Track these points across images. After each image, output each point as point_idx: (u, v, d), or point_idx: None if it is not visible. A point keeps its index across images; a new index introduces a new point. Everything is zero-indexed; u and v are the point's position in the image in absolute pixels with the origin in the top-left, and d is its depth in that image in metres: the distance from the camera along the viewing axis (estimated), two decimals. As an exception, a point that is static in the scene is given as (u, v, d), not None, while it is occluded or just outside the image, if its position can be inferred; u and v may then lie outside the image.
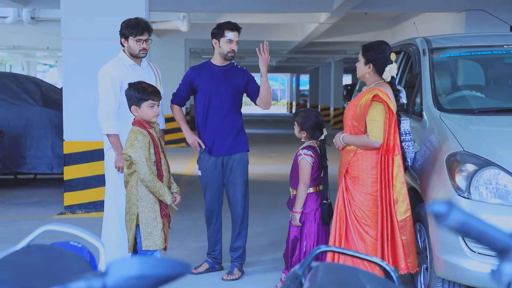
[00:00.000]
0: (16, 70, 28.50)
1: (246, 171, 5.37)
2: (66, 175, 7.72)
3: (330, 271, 1.97)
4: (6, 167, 9.49)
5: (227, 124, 5.25)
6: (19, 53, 26.46)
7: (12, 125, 9.48)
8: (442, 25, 13.26)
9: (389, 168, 4.34)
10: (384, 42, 4.56)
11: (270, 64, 33.22)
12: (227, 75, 5.25)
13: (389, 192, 4.34)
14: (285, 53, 24.14)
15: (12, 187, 10.13)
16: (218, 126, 5.26)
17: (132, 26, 5.10)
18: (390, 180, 4.34)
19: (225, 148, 5.27)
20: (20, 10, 13.25)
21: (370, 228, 4.39)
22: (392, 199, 4.33)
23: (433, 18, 13.75)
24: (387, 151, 4.34)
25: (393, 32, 16.68)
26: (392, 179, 4.34)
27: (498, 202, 3.91)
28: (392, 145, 4.35)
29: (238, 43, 5.22)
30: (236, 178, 5.29)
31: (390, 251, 4.36)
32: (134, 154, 4.30)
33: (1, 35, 20.98)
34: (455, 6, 11.94)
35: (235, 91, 5.23)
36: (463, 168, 4.03)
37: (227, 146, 5.26)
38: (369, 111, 4.37)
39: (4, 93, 9.62)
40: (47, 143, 9.45)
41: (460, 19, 12.22)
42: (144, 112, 4.41)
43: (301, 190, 4.74)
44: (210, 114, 5.27)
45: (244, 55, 25.39)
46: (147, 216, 4.43)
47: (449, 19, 12.90)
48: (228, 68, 5.28)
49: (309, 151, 4.78)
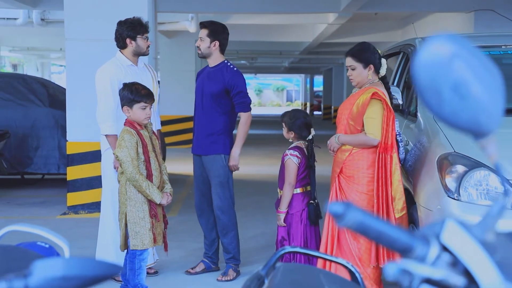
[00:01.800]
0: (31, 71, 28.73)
1: (222, 173, 5.26)
2: (69, 176, 7.77)
3: (291, 272, 1.97)
4: (13, 167, 9.59)
5: (205, 124, 5.27)
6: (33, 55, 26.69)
7: (19, 126, 9.59)
8: (451, 26, 13.19)
9: (387, 166, 4.34)
10: (367, 42, 4.62)
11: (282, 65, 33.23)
12: (210, 76, 5.26)
13: (387, 190, 4.33)
14: (297, 54, 24.11)
15: (19, 187, 10.21)
16: (197, 126, 5.34)
17: (139, 26, 5.19)
18: (388, 177, 4.33)
19: (201, 148, 5.31)
20: (30, 12, 13.35)
21: None
22: (390, 197, 4.33)
23: (443, 19, 13.67)
24: (385, 149, 4.34)
25: (404, 32, 16.61)
26: (390, 177, 4.33)
27: (488, 204, 3.87)
28: (390, 143, 4.35)
29: (202, 40, 5.23)
30: (211, 178, 5.29)
31: (386, 249, 4.35)
32: (120, 154, 4.34)
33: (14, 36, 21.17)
34: (463, 6, 11.87)
35: (213, 92, 5.19)
36: (453, 169, 4.00)
37: (202, 146, 5.30)
38: (367, 109, 4.36)
39: (12, 94, 9.73)
40: (53, 143, 9.53)
41: (469, 19, 12.14)
42: (136, 113, 4.44)
43: (286, 191, 4.75)
44: (195, 113, 5.39)
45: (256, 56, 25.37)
46: (134, 216, 4.45)
47: (458, 19, 12.82)
48: (216, 69, 5.27)
49: (295, 151, 4.79)
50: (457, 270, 0.96)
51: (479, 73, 0.98)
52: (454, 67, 0.96)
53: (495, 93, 0.99)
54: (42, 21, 13.42)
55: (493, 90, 0.99)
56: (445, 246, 0.97)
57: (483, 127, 1.00)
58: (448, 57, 0.97)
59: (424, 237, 0.99)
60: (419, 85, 0.99)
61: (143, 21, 5.24)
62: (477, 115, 0.98)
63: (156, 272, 5.39)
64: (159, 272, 5.42)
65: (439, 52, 0.97)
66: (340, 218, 0.96)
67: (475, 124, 1.00)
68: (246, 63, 29.08)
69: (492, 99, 0.99)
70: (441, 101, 0.97)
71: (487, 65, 1.00)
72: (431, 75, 0.97)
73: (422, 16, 14.92)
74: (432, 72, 0.97)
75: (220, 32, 5.26)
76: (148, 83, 5.18)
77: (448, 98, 0.97)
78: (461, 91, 0.97)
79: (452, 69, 0.96)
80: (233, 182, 5.39)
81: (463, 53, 0.98)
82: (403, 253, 0.98)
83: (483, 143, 1.03)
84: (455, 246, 0.96)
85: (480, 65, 0.99)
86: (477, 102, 0.97)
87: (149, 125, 4.56)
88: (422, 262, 0.97)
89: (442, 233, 0.97)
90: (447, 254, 0.97)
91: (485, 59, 1.00)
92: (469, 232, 0.96)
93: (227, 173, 5.29)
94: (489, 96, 0.98)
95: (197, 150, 5.36)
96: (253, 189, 9.93)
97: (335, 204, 0.96)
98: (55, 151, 9.50)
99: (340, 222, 0.96)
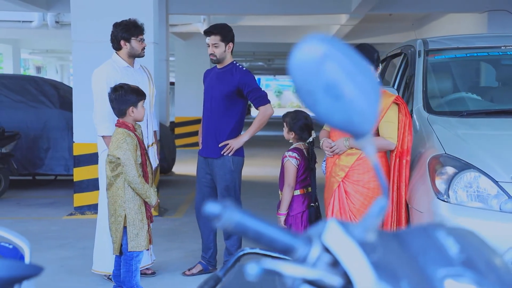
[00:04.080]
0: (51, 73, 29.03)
1: (229, 177, 5.23)
2: (76, 177, 7.82)
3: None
4: (24, 168, 9.70)
5: (214, 126, 5.25)
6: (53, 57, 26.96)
7: (30, 127, 9.72)
8: (465, 26, 13.08)
9: (402, 171, 4.24)
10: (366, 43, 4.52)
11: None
12: (220, 78, 5.24)
13: (400, 196, 4.25)
14: (314, 55, 24.00)
15: (30, 188, 10.31)
16: (206, 128, 5.30)
17: (133, 27, 5.20)
18: (402, 183, 4.23)
19: (209, 150, 5.28)
20: (45, 15, 13.50)
21: None
22: (403, 203, 4.24)
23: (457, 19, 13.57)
24: (401, 154, 4.24)
25: (419, 33, 16.47)
26: (406, 182, 4.24)
27: (478, 205, 3.82)
28: (406, 147, 4.25)
29: (217, 46, 5.19)
30: (217, 182, 5.27)
31: None
32: (123, 156, 4.35)
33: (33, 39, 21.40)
34: (477, 7, 11.78)
35: (223, 94, 5.17)
36: (443, 171, 3.95)
37: (211, 148, 5.27)
38: (386, 113, 4.27)
39: (23, 95, 9.85)
40: (64, 144, 9.64)
41: (483, 20, 12.04)
42: (140, 111, 4.51)
43: (285, 192, 4.71)
44: (203, 115, 5.34)
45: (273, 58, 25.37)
46: (134, 218, 4.47)
47: (472, 20, 12.72)
48: (225, 70, 5.25)
49: (294, 153, 4.74)
50: (337, 271, 0.95)
51: (352, 74, 0.97)
52: (325, 68, 0.96)
53: (369, 94, 0.98)
54: (57, 23, 13.57)
55: (367, 91, 0.98)
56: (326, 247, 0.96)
57: (357, 128, 1.00)
58: (320, 58, 0.96)
59: (309, 238, 0.99)
60: (294, 85, 0.98)
61: (138, 23, 5.24)
62: (350, 116, 0.97)
63: (154, 273, 5.40)
64: (157, 273, 5.44)
65: (310, 53, 0.97)
66: (216, 218, 0.96)
67: (349, 125, 0.99)
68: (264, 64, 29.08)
69: (366, 100, 0.98)
70: (315, 101, 0.97)
71: (361, 66, 0.99)
72: (303, 76, 0.96)
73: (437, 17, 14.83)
74: (304, 73, 0.96)
75: (230, 32, 5.26)
76: (144, 84, 5.21)
77: (321, 99, 0.96)
78: (334, 92, 0.96)
79: (323, 70, 0.95)
80: (240, 187, 5.37)
81: (335, 54, 0.97)
82: (285, 253, 0.98)
83: (362, 144, 1.02)
84: (334, 246, 0.95)
85: (353, 66, 0.98)
86: (350, 103, 0.96)
87: (138, 127, 4.60)
88: (303, 263, 0.97)
89: (323, 233, 0.97)
90: (328, 254, 0.96)
91: (359, 60, 1.00)
92: (348, 232, 0.95)
93: (234, 178, 5.26)
94: (362, 97, 0.97)
95: (205, 153, 5.32)
96: (260, 190, 9.92)
97: (211, 204, 0.95)
98: (65, 153, 9.60)
99: (217, 223, 0.96)
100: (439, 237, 1.00)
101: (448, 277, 0.95)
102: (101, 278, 5.25)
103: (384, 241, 0.98)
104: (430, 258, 0.97)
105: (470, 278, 0.95)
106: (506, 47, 5.22)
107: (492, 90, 5.48)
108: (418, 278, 0.94)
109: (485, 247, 1.05)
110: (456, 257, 0.97)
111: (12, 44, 22.78)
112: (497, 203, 3.76)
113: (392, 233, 1.02)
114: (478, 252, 1.00)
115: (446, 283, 0.95)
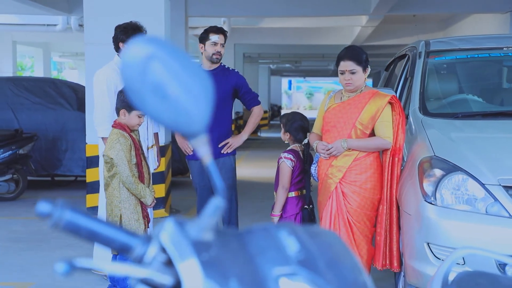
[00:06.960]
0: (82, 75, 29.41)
1: (231, 175, 5.32)
2: (88, 178, 7.92)
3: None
4: (43, 169, 9.87)
5: (212, 127, 5.25)
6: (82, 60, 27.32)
7: (49, 129, 9.88)
8: (487, 27, 12.92)
9: (394, 169, 4.30)
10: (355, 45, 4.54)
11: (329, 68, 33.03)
12: (214, 79, 5.27)
13: (391, 193, 4.29)
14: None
15: (49, 189, 10.47)
16: None
17: (131, 30, 5.26)
18: (394, 181, 4.30)
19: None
20: (69, 18, 13.70)
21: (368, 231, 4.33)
22: (393, 200, 4.28)
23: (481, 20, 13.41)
24: (394, 152, 4.30)
25: (445, 34, 16.32)
26: (397, 180, 4.29)
27: (465, 208, 3.77)
28: (399, 146, 4.31)
29: (224, 46, 5.24)
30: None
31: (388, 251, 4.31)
32: (115, 156, 4.39)
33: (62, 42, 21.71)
34: (499, 7, 11.62)
35: (222, 94, 5.20)
36: (431, 173, 3.91)
37: (212, 150, 5.28)
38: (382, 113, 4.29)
39: (42, 97, 10.02)
40: (82, 146, 9.74)
41: (505, 20, 11.88)
42: (132, 119, 4.50)
43: (279, 194, 4.71)
44: None
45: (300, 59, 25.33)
46: (130, 218, 4.50)
47: (494, 21, 12.55)
48: (217, 71, 5.29)
49: (289, 154, 4.74)
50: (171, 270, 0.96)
51: (178, 75, 0.97)
52: (151, 68, 0.96)
53: (197, 95, 0.99)
54: (80, 26, 13.72)
55: (194, 92, 0.98)
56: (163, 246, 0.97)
57: (185, 128, 1.00)
58: (145, 58, 0.97)
59: (148, 237, 0.99)
60: (124, 85, 0.99)
61: (138, 25, 5.28)
62: (177, 117, 0.98)
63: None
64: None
65: (137, 54, 0.97)
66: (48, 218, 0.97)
67: (177, 125, 0.99)
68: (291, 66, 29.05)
69: (193, 101, 0.98)
70: (143, 102, 0.97)
71: (190, 68, 0.99)
72: (130, 76, 0.97)
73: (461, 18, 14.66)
74: (131, 73, 0.97)
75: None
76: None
77: (149, 99, 0.97)
78: (161, 92, 0.96)
79: (149, 70, 0.96)
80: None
81: (160, 55, 0.97)
82: (123, 252, 0.98)
83: (194, 144, 1.02)
84: (168, 245, 0.95)
85: (180, 67, 0.98)
86: (175, 103, 0.97)
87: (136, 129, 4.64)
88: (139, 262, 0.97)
89: (161, 232, 0.97)
90: (164, 254, 0.97)
91: (188, 62, 1.00)
92: (182, 231, 0.96)
93: (235, 175, 5.36)
94: (188, 98, 0.98)
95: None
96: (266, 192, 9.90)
97: (41, 203, 0.96)
98: (83, 154, 9.71)
99: (48, 223, 0.97)
100: (280, 237, 1.00)
101: (283, 276, 0.95)
102: (100, 278, 5.30)
103: (223, 240, 0.98)
104: (268, 258, 0.97)
105: (304, 277, 0.95)
106: (508, 48, 5.13)
107: (493, 92, 5.39)
108: (251, 277, 0.94)
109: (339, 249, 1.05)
110: (294, 257, 0.97)
111: (43, 47, 23.14)
112: (483, 206, 3.71)
113: (233, 232, 1.03)
114: (321, 253, 1.00)
115: (280, 282, 0.95)
